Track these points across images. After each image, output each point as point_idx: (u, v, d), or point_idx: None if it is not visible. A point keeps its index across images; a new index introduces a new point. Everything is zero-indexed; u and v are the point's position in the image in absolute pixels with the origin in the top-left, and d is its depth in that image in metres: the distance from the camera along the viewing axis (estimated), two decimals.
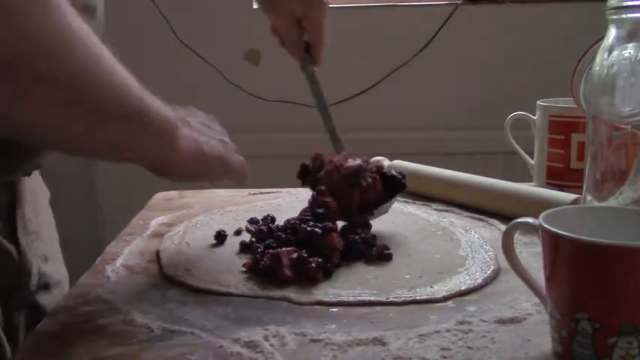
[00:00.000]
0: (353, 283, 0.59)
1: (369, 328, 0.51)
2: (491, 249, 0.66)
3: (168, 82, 1.99)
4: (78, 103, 0.49)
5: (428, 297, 0.56)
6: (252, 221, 0.73)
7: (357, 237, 0.66)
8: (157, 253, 0.68)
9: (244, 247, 0.68)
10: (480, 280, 0.59)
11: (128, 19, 1.73)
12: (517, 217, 0.49)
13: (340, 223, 0.70)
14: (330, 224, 0.64)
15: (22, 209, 0.69)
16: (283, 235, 0.65)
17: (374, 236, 0.69)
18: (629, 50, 0.59)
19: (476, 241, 0.69)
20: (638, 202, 0.59)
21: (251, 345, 0.48)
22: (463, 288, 0.57)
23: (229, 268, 0.63)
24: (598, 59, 0.62)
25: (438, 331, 0.50)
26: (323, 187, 0.69)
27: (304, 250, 0.61)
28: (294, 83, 0.95)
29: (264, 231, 0.68)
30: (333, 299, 0.56)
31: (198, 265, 0.64)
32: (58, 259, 0.79)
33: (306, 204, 0.71)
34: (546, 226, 0.44)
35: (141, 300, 0.57)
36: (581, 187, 0.67)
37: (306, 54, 0.89)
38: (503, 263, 0.54)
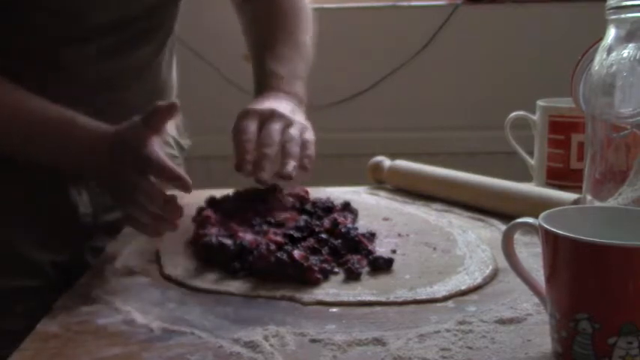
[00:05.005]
0: (353, 283, 0.59)
1: (369, 328, 0.51)
2: (487, 248, 0.66)
3: None
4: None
5: (428, 297, 0.56)
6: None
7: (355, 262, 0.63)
8: (157, 253, 0.68)
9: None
10: (479, 280, 0.59)
11: None
12: (517, 217, 0.49)
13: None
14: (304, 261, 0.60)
15: None
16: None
17: (373, 234, 0.69)
18: (629, 50, 0.59)
19: (472, 241, 0.69)
20: (638, 202, 0.59)
21: (251, 345, 0.48)
22: (463, 288, 0.57)
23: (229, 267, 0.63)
24: (597, 59, 0.62)
25: (438, 331, 0.50)
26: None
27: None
28: None
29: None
30: (333, 299, 0.56)
31: (198, 264, 0.64)
32: None
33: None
34: (546, 226, 0.44)
35: (141, 300, 0.57)
36: (581, 187, 0.67)
37: None
38: (502, 263, 0.54)
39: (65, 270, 0.76)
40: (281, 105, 0.77)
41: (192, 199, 0.79)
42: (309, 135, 0.76)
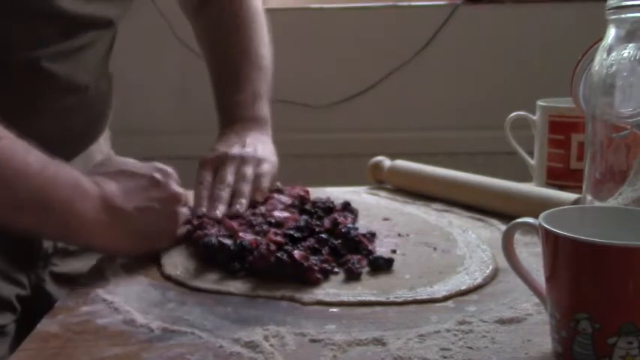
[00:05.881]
0: (353, 283, 0.59)
1: (369, 328, 0.51)
2: (488, 248, 0.66)
3: (168, 82, 2.00)
4: None
5: (428, 297, 0.56)
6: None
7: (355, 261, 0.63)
8: (157, 253, 0.68)
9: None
10: (479, 280, 0.59)
11: (128, 19, 1.73)
12: (517, 217, 0.49)
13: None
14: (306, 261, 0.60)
15: None
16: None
17: (373, 234, 0.69)
18: (629, 50, 0.59)
19: (473, 241, 0.69)
20: (638, 202, 0.59)
21: (251, 345, 0.48)
22: (463, 288, 0.57)
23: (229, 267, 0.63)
24: (597, 59, 0.62)
25: (438, 331, 0.50)
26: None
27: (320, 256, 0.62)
28: (294, 83, 0.95)
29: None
30: (333, 299, 0.56)
31: (198, 264, 0.64)
32: None
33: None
34: (546, 226, 0.44)
35: (141, 300, 0.57)
36: (581, 187, 0.67)
37: None
38: (502, 263, 0.54)
39: (29, 304, 0.73)
40: (239, 141, 0.82)
41: (192, 199, 0.79)
42: (264, 167, 0.80)
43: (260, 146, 0.83)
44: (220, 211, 0.72)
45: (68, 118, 0.75)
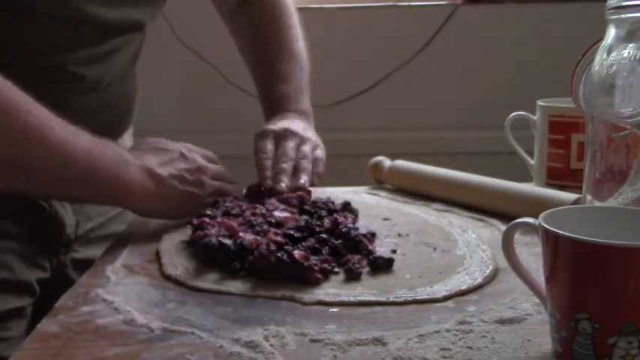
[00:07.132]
0: (353, 283, 0.59)
1: (369, 328, 0.51)
2: (488, 248, 0.66)
3: (168, 82, 2.00)
4: (19, 175, 0.63)
5: (428, 297, 0.56)
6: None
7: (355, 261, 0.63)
8: (157, 253, 0.68)
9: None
10: (479, 280, 0.59)
11: None
12: (517, 217, 0.49)
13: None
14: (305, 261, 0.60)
15: None
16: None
17: (373, 234, 0.69)
18: (629, 50, 0.59)
19: (473, 241, 0.69)
20: (638, 202, 0.59)
21: (251, 345, 0.48)
22: (463, 288, 0.57)
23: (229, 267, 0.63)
24: (597, 59, 0.62)
25: (438, 331, 0.50)
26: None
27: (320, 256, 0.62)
28: None
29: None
30: (333, 299, 0.56)
31: (198, 264, 0.64)
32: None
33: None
34: (546, 226, 0.44)
35: (141, 300, 0.57)
36: (581, 187, 0.67)
37: None
38: (502, 263, 0.54)
39: (49, 287, 0.75)
40: (293, 124, 0.86)
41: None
42: (320, 152, 0.85)
43: (311, 134, 0.88)
44: (285, 183, 0.77)
45: (92, 117, 0.77)
